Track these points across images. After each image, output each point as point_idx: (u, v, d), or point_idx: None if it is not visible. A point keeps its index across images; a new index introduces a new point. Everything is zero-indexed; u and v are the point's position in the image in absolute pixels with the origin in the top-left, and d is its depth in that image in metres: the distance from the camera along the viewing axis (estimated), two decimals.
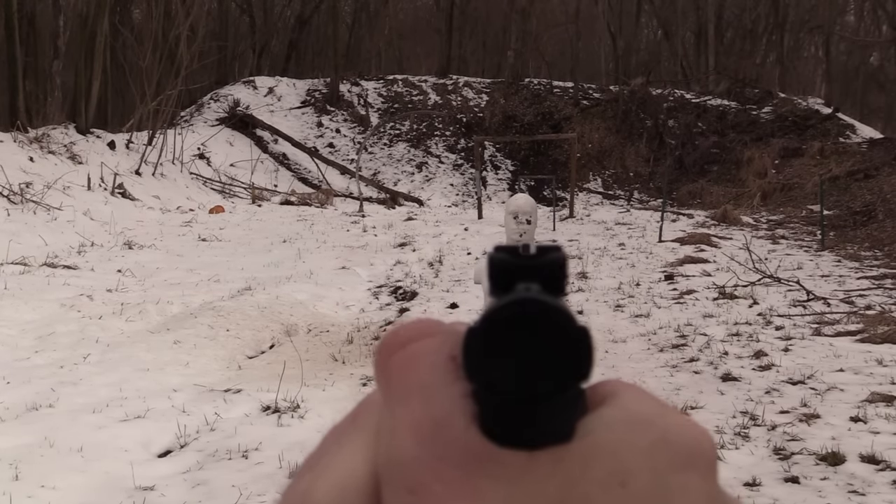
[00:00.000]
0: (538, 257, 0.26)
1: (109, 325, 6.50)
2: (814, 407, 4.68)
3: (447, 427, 0.24)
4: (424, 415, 0.25)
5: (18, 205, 12.12)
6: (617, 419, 0.25)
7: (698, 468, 0.25)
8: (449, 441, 0.24)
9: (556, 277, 0.26)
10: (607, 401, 0.26)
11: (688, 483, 0.24)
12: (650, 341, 6.54)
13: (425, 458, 0.24)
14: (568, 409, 0.24)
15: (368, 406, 0.28)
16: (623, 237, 14.08)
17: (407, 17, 44.11)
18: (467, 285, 8.77)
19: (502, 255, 0.26)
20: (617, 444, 0.24)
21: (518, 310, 0.24)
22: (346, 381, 5.21)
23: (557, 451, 0.24)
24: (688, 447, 0.25)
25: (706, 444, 0.26)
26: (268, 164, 23.07)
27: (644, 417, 0.25)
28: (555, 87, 28.96)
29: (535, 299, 0.24)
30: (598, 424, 0.25)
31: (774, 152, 21.63)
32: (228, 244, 12.06)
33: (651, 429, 0.25)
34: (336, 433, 0.28)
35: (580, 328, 0.24)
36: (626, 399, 0.26)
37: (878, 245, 12.67)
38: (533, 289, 0.25)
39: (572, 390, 0.24)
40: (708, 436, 0.26)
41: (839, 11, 35.28)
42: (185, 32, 19.18)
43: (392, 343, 0.27)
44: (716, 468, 0.26)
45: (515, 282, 0.25)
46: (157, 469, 3.79)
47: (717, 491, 0.25)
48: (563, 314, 0.24)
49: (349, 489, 0.26)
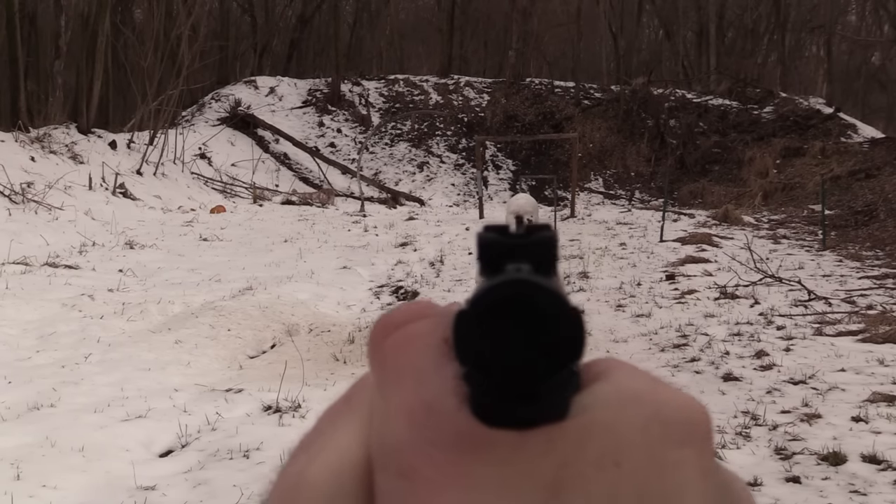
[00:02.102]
0: (528, 236, 0.26)
1: (111, 324, 6.51)
2: (815, 407, 4.68)
3: (438, 410, 0.24)
4: (416, 398, 0.25)
5: (20, 204, 12.13)
6: (610, 396, 0.25)
7: (693, 443, 0.24)
8: (440, 424, 0.24)
9: (547, 257, 0.25)
10: (601, 378, 0.25)
11: (682, 459, 0.24)
12: (651, 341, 6.54)
13: (417, 441, 0.24)
14: (560, 390, 0.24)
15: (363, 387, 0.28)
16: (624, 237, 14.07)
17: (408, 17, 44.11)
18: (469, 285, 8.77)
19: (491, 234, 0.26)
20: (611, 422, 0.24)
21: (508, 291, 0.23)
22: (347, 381, 5.17)
23: (550, 430, 0.24)
24: (682, 423, 0.25)
25: (700, 419, 0.25)
26: (269, 164, 23.07)
27: (637, 394, 0.25)
28: (556, 86, 28.94)
29: (526, 280, 0.24)
30: (591, 402, 0.24)
31: (776, 152, 21.61)
32: (230, 244, 12.06)
33: (644, 405, 0.24)
34: (330, 414, 0.28)
35: (571, 309, 0.24)
36: (620, 376, 0.26)
37: (879, 245, 12.66)
38: (523, 269, 0.24)
39: (565, 370, 0.24)
40: (702, 410, 0.26)
41: (840, 11, 35.28)
42: (186, 32, 19.19)
43: (387, 325, 0.27)
44: (711, 442, 0.25)
45: (505, 262, 0.25)
46: (159, 469, 3.79)
47: (713, 465, 0.25)
48: (554, 295, 0.24)
49: (344, 471, 0.26)
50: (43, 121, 17.23)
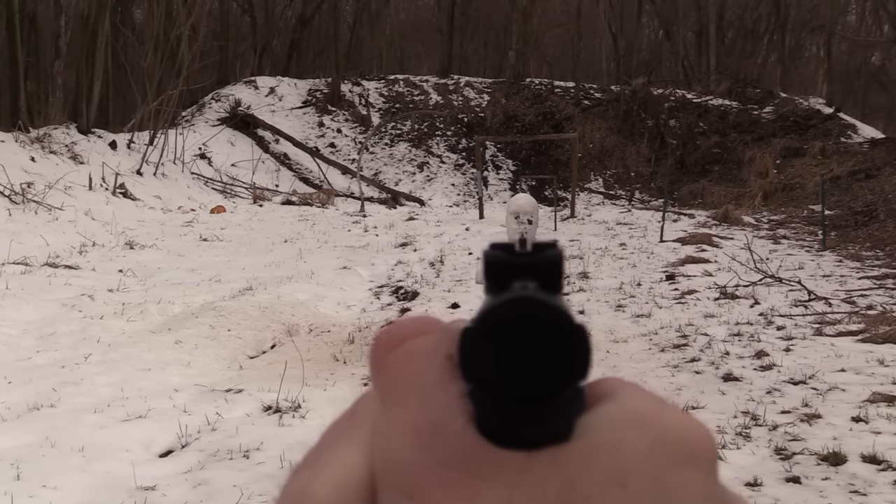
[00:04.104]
0: (534, 254, 0.26)
1: (111, 324, 6.51)
2: (815, 407, 4.68)
3: (445, 429, 0.24)
4: (421, 417, 0.24)
5: (20, 205, 12.13)
6: (615, 417, 0.25)
7: (697, 465, 0.24)
8: (447, 443, 0.23)
9: (553, 275, 0.25)
10: (605, 398, 0.25)
11: (687, 481, 0.24)
12: (651, 341, 6.54)
13: (423, 461, 0.24)
14: (566, 409, 0.24)
15: (367, 403, 0.28)
16: (624, 237, 14.07)
17: (408, 17, 44.11)
18: (468, 285, 8.77)
19: (498, 252, 0.26)
20: (616, 443, 0.24)
21: (515, 309, 0.23)
22: (347, 381, 5.21)
23: (556, 451, 0.23)
24: (686, 445, 0.24)
25: (705, 441, 0.25)
26: (269, 164, 23.08)
27: (642, 415, 0.25)
28: (556, 86, 28.95)
29: (532, 298, 0.24)
30: (596, 423, 0.24)
31: (776, 152, 21.61)
32: (230, 244, 12.06)
33: (649, 427, 0.24)
34: (335, 430, 0.28)
35: (578, 327, 0.24)
36: (625, 397, 0.25)
37: (879, 245, 12.66)
38: (529, 287, 0.24)
39: (570, 390, 0.24)
40: (707, 432, 0.26)
41: (840, 11, 35.28)
42: (186, 32, 19.19)
43: (388, 341, 0.27)
44: (716, 464, 0.25)
45: (511, 280, 0.25)
46: (159, 469, 3.79)
47: (718, 487, 0.25)
48: (560, 313, 0.23)
49: (348, 487, 0.25)
50: (43, 121, 17.24)
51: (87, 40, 18.85)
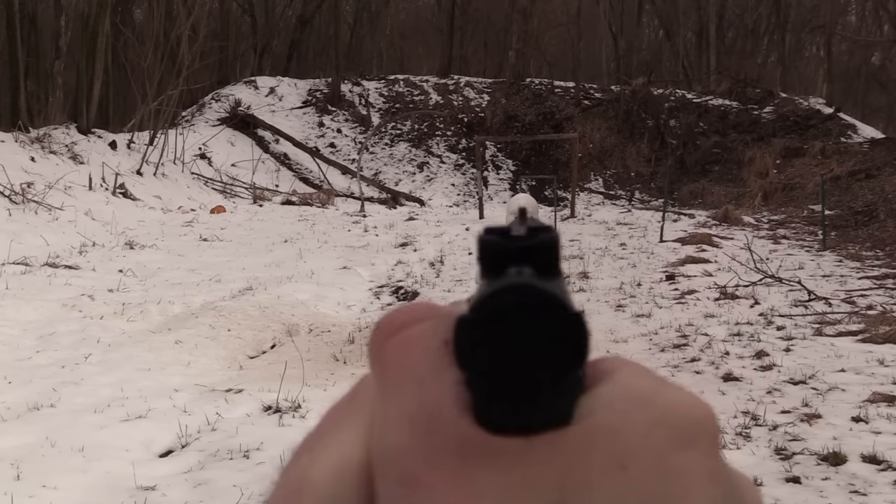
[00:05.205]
0: (529, 238, 0.25)
1: (111, 324, 6.51)
2: (815, 407, 4.68)
3: (441, 417, 0.23)
4: (418, 404, 0.24)
5: (20, 205, 12.13)
6: (615, 398, 0.24)
7: (699, 445, 0.24)
8: (443, 431, 0.23)
9: (549, 260, 0.25)
10: (605, 378, 0.25)
11: (689, 462, 0.23)
12: (651, 341, 6.54)
13: (419, 449, 0.23)
14: (564, 394, 0.23)
15: (366, 387, 0.28)
16: (624, 237, 14.07)
17: (408, 17, 44.10)
18: (469, 285, 8.77)
19: (492, 236, 0.25)
20: (615, 426, 0.23)
21: (509, 296, 0.23)
22: (347, 381, 5.19)
23: (554, 435, 0.23)
24: (688, 424, 0.24)
25: (707, 420, 0.25)
26: (269, 164, 23.07)
27: (642, 396, 0.24)
28: (556, 87, 28.94)
29: (527, 284, 0.23)
30: (595, 405, 0.24)
31: (776, 152, 21.61)
32: (230, 244, 12.06)
33: (650, 407, 0.24)
34: (334, 414, 0.28)
35: (574, 314, 0.23)
36: (625, 376, 0.25)
37: (879, 245, 12.66)
38: (525, 273, 0.24)
39: (568, 377, 0.23)
40: (709, 410, 0.25)
41: (840, 11, 35.29)
42: (186, 32, 19.18)
43: (386, 328, 0.27)
44: (718, 443, 0.25)
45: (506, 265, 0.24)
46: (159, 469, 3.79)
47: (720, 466, 0.25)
48: (556, 300, 0.23)
49: (347, 471, 0.25)
50: (43, 121, 17.24)
51: (88, 40, 18.86)
